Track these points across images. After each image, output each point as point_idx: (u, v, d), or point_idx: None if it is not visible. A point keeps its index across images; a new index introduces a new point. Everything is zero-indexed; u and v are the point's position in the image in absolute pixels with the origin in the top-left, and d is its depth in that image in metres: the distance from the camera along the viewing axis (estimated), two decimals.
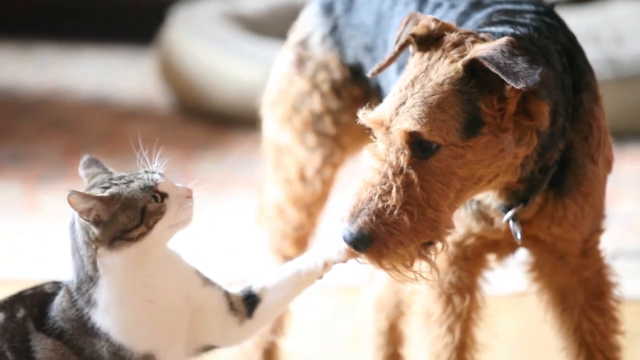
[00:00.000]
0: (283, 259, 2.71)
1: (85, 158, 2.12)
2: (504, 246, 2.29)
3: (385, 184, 2.02)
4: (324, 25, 2.59)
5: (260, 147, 2.74)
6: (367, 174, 2.04)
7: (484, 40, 2.07)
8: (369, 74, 2.19)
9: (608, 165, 2.28)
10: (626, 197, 4.05)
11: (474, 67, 2.03)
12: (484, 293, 2.36)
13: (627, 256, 3.53)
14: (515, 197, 2.18)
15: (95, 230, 2.02)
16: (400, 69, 2.16)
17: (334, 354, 3.12)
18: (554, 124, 2.13)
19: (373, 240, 2.01)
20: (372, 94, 2.55)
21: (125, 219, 2.02)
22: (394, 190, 2.01)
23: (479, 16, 2.25)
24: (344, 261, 2.10)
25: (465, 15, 2.28)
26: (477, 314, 2.35)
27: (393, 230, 2.01)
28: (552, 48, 2.15)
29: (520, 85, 1.98)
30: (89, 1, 6.08)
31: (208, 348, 2.14)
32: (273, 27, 5.08)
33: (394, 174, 2.02)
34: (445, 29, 2.09)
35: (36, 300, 2.07)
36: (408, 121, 2.01)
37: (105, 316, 2.03)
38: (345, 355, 3.10)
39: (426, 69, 2.05)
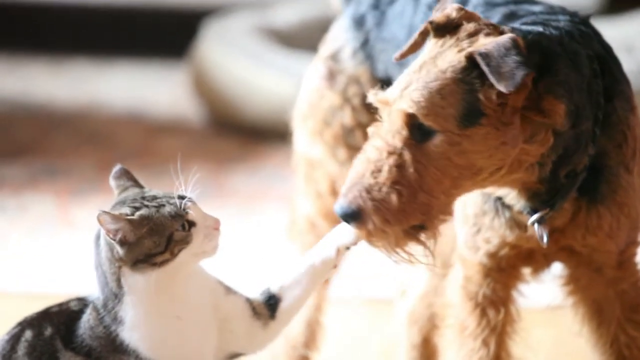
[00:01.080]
0: None
1: (116, 168, 2.12)
2: (538, 258, 2.27)
3: (378, 161, 2.03)
4: (355, 38, 2.59)
5: (292, 161, 2.74)
6: (367, 150, 2.06)
7: (502, 33, 2.07)
8: (392, 59, 2.20)
9: None
10: None
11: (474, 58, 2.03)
12: (518, 306, 2.34)
13: None
14: (538, 199, 2.17)
15: (119, 250, 2.02)
16: None
17: None
18: (577, 127, 2.12)
19: (361, 215, 2.03)
20: None
21: (150, 244, 2.01)
22: (385, 168, 2.03)
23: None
24: (355, 243, 2.10)
25: None
26: (512, 327, 2.33)
27: (380, 207, 2.02)
28: (582, 52, 2.15)
29: (500, 87, 1.99)
30: (122, 15, 6.12)
31: (234, 356, 2.13)
32: (305, 40, 5.09)
33: (388, 152, 2.04)
34: (466, 17, 2.10)
35: (63, 318, 2.06)
36: (407, 103, 2.03)
37: (133, 333, 2.03)
38: None
39: (435, 55, 2.07)
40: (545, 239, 2.17)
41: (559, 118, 2.06)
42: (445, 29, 2.09)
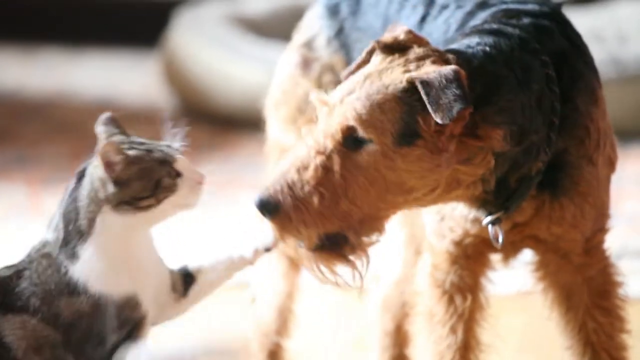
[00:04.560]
0: (286, 260, 2.71)
1: (105, 115, 2.10)
2: (505, 246, 2.28)
3: (306, 159, 2.03)
4: (330, 27, 2.60)
5: (264, 149, 2.75)
6: (297, 147, 2.06)
7: (446, 61, 2.09)
8: (340, 76, 2.20)
9: (611, 165, 2.27)
10: (630, 197, 4.05)
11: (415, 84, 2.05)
12: (487, 293, 2.36)
13: (631, 255, 3.53)
14: (490, 205, 2.18)
15: (110, 188, 2.00)
16: None
17: (340, 355, 3.12)
18: (523, 143, 2.12)
19: (278, 209, 2.02)
20: None
21: (139, 187, 2.01)
22: (311, 167, 2.02)
23: (483, 15, 2.26)
24: (274, 246, 2.13)
25: (470, 15, 2.29)
26: (481, 314, 2.34)
27: (300, 206, 2.01)
28: (534, 64, 2.15)
29: (436, 118, 2.01)
30: (93, 4, 6.09)
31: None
32: (277, 29, 5.09)
33: (317, 152, 2.03)
34: (414, 41, 2.12)
35: None
36: (349, 112, 2.04)
37: (85, 267, 2.01)
38: (351, 356, 3.10)
39: (382, 70, 2.08)
40: (500, 239, 2.19)
41: (496, 142, 2.08)
42: (392, 49, 2.10)
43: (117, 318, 2.02)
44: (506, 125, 2.09)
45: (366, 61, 2.15)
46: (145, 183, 2.01)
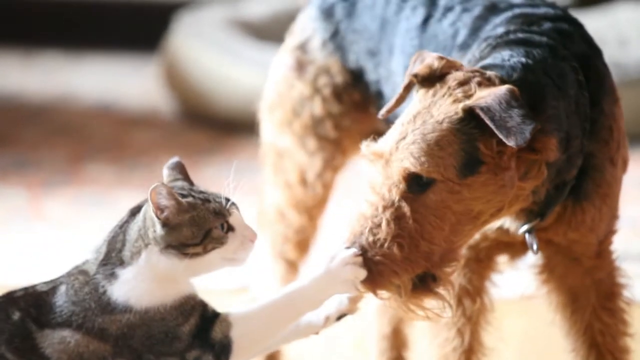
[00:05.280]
0: (285, 263, 2.71)
1: (174, 159, 2.11)
2: (517, 247, 2.28)
3: (376, 217, 2.02)
4: (325, 29, 2.59)
5: (260, 151, 2.75)
6: (361, 205, 2.05)
7: (489, 80, 2.06)
8: (379, 115, 2.18)
9: (624, 165, 2.28)
10: (632, 201, 4.04)
11: (473, 111, 2.03)
12: (491, 296, 2.35)
13: (633, 259, 3.52)
14: (531, 214, 2.18)
15: (159, 230, 2.00)
16: None
17: (340, 357, 3.11)
18: (569, 149, 2.13)
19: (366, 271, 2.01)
20: (371, 99, 2.55)
21: (188, 233, 2.00)
22: (384, 224, 2.02)
23: (497, 20, 2.25)
24: (351, 311, 2.07)
25: (482, 20, 2.27)
26: (485, 317, 2.34)
27: (385, 261, 2.01)
28: (567, 70, 2.15)
29: (510, 142, 1.98)
30: (94, 8, 6.09)
31: None
32: (277, 33, 5.07)
33: (384, 207, 2.03)
34: (449, 66, 2.09)
35: (31, 301, 2.02)
36: (408, 160, 2.02)
37: (125, 287, 2.00)
38: (351, 359, 3.09)
39: (429, 105, 2.05)
40: (535, 247, 2.19)
41: (551, 153, 2.07)
42: (430, 80, 2.08)
43: (180, 315, 2.01)
44: (556, 133, 2.08)
45: (404, 97, 2.13)
46: (196, 231, 2.01)
